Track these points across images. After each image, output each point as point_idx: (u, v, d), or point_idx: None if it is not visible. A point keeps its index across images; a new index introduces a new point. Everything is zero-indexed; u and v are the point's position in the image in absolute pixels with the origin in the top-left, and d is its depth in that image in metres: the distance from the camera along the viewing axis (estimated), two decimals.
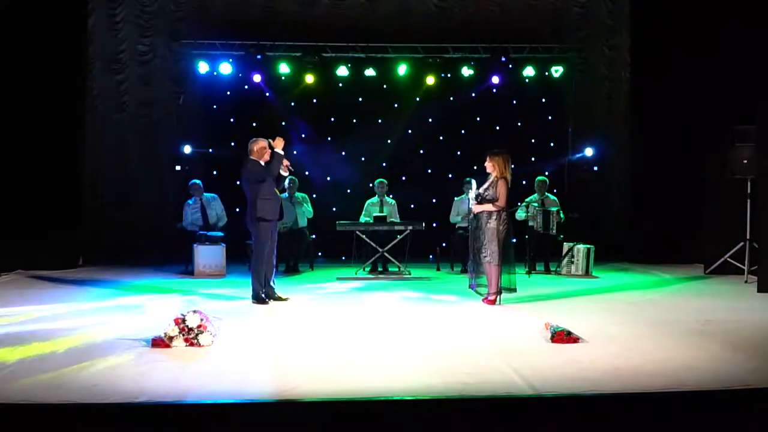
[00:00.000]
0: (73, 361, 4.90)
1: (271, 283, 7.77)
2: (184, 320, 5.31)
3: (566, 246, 10.03)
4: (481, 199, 7.58)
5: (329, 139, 11.99)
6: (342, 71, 11.77)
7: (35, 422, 3.88)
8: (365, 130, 11.98)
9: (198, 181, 10.50)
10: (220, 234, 10.08)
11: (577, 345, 5.40)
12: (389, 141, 12.12)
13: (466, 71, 11.80)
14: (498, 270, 7.42)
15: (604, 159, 11.99)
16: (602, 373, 4.62)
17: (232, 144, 11.76)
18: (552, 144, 12.26)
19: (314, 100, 12.06)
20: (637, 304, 7.56)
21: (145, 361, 4.89)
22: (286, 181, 8.12)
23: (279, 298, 7.72)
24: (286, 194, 9.77)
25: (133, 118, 11.52)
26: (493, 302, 7.41)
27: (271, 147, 7.69)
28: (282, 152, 7.65)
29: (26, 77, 9.86)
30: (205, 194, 10.43)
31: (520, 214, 10.10)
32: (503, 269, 7.47)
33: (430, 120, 12.20)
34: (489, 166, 7.64)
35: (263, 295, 7.58)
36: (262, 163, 7.70)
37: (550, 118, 12.26)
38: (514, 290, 7.59)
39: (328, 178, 11.38)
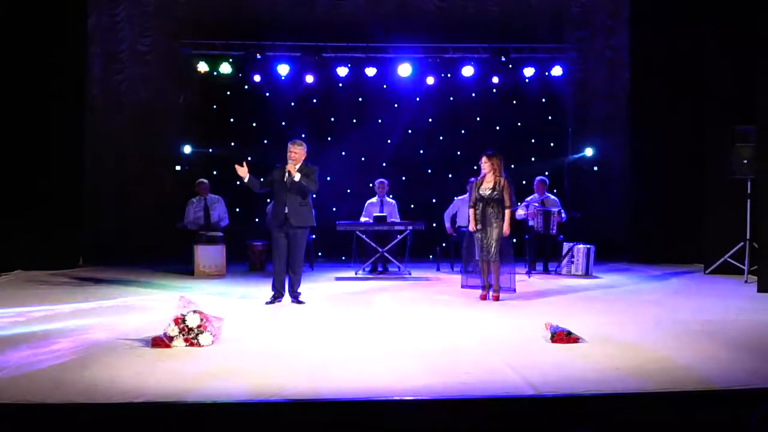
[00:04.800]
0: (73, 361, 4.90)
1: (287, 288, 7.60)
2: (184, 320, 5.30)
3: (566, 246, 10.03)
4: (487, 200, 7.62)
5: (329, 139, 11.99)
6: (342, 71, 11.77)
7: (35, 422, 3.88)
8: (365, 130, 11.97)
9: (205, 180, 10.53)
10: (220, 234, 10.08)
11: (577, 345, 5.40)
12: (389, 141, 12.12)
13: (466, 71, 11.80)
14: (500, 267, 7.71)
15: (604, 159, 11.99)
16: (602, 373, 4.62)
17: (232, 144, 11.77)
18: (552, 144, 12.26)
19: (314, 100, 12.06)
20: (637, 304, 7.56)
21: (145, 361, 4.89)
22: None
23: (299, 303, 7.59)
24: None
25: (133, 118, 11.53)
26: (497, 298, 7.67)
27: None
28: (296, 178, 7.46)
29: (26, 77, 9.87)
30: (210, 195, 10.46)
31: (520, 214, 10.11)
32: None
33: (430, 120, 12.20)
34: (487, 166, 7.69)
35: (272, 297, 7.56)
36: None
37: (550, 118, 12.25)
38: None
39: (328, 178, 11.38)
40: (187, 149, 11.58)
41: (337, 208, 11.51)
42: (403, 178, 12.02)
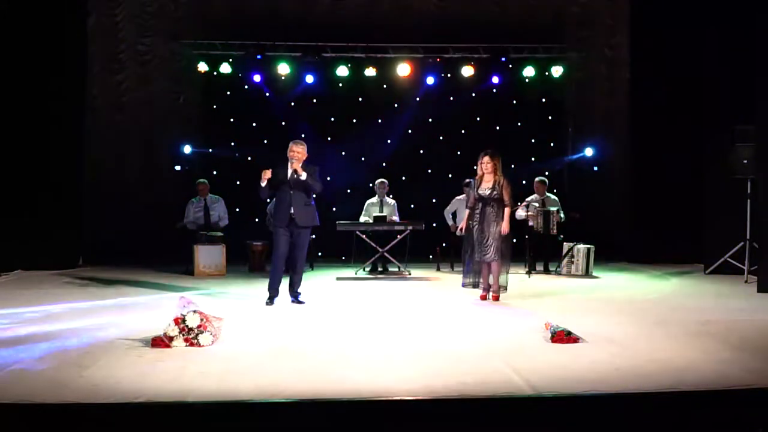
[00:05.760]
0: (73, 361, 4.90)
1: (286, 288, 7.62)
2: (184, 320, 5.30)
3: (566, 246, 10.03)
4: (486, 200, 7.62)
5: (329, 139, 11.99)
6: (342, 71, 11.77)
7: (35, 422, 3.87)
8: (365, 130, 11.98)
9: (205, 181, 10.54)
10: (220, 234, 10.08)
11: (577, 345, 5.39)
12: (389, 141, 12.12)
13: (466, 71, 11.80)
14: (501, 267, 7.65)
15: (604, 159, 11.99)
16: (602, 373, 4.62)
17: (232, 144, 11.77)
18: (552, 144, 12.26)
19: (314, 100, 12.06)
20: (637, 304, 7.56)
21: (145, 361, 4.89)
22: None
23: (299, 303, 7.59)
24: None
25: (133, 118, 11.53)
26: (497, 298, 7.63)
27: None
28: (303, 177, 7.42)
29: (26, 77, 9.89)
30: (210, 195, 10.47)
31: (520, 214, 10.11)
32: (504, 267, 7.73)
33: (430, 120, 12.21)
34: (490, 165, 7.67)
35: (269, 298, 7.54)
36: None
37: (550, 118, 12.26)
38: (505, 289, 7.80)
39: (328, 178, 11.39)
40: (187, 149, 11.58)
41: (337, 208, 11.50)
42: (403, 178, 12.02)
